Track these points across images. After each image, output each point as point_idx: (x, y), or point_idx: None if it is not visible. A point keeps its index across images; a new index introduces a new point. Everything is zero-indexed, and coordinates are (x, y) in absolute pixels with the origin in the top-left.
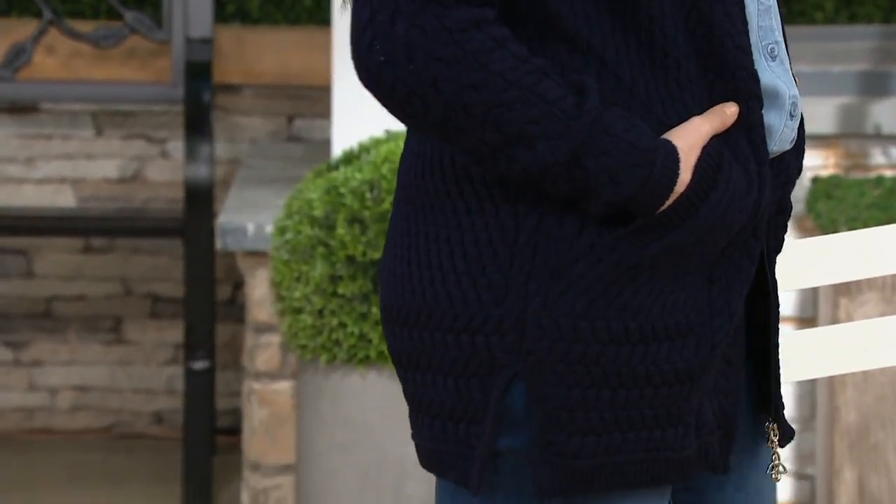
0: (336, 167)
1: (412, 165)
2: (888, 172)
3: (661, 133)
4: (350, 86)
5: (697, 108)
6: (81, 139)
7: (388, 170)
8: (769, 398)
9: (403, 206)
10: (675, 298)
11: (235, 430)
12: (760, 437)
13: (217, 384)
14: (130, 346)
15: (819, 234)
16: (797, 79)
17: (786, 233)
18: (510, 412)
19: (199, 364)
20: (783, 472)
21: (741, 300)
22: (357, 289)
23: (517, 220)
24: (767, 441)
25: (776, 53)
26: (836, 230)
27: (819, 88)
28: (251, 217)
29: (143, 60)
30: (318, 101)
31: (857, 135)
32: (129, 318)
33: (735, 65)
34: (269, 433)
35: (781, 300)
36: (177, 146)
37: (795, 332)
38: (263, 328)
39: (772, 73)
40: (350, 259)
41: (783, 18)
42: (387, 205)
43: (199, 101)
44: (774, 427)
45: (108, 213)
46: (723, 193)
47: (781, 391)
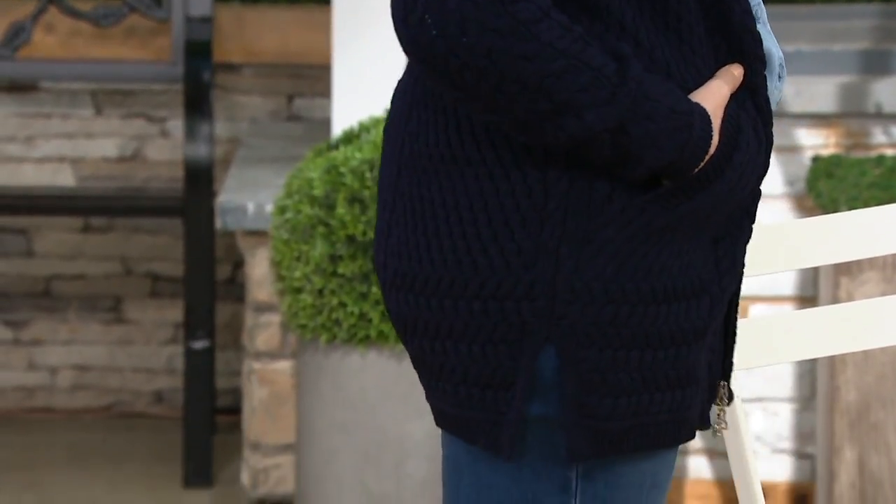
0: (336, 146)
1: (420, 132)
2: (889, 151)
3: None
4: (350, 65)
5: (707, 72)
6: (81, 118)
7: None
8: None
9: (411, 174)
10: (690, 259)
11: (235, 410)
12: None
13: (217, 364)
14: (130, 326)
15: (820, 214)
16: None
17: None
18: (540, 377)
19: (199, 343)
20: (725, 428)
21: (744, 259)
22: (357, 268)
23: (546, 186)
24: (718, 400)
25: (759, 16)
26: (837, 209)
27: (819, 67)
28: (251, 196)
29: (143, 39)
30: (319, 80)
31: (858, 114)
32: (129, 298)
33: (741, 27)
34: (270, 413)
35: (783, 280)
36: (176, 125)
37: (796, 312)
38: (263, 308)
39: (763, 36)
40: (350, 238)
41: None
42: None
43: (199, 80)
44: (727, 386)
45: (108, 193)
46: (744, 155)
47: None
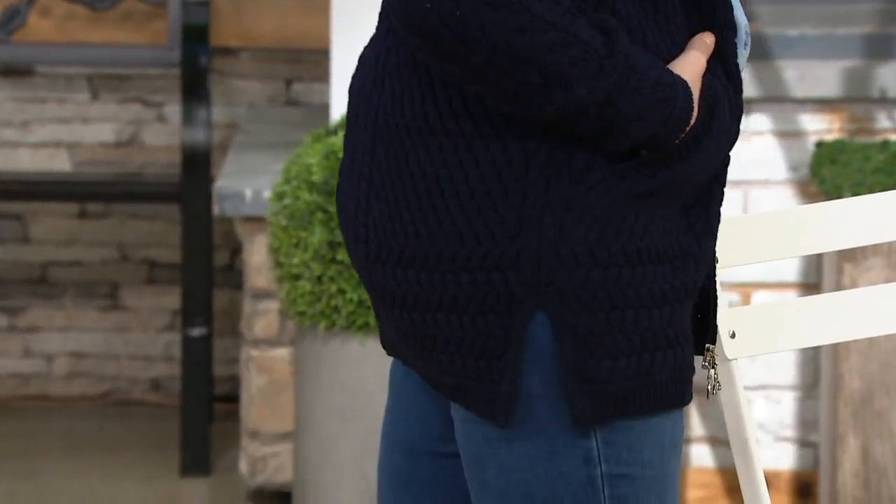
0: (335, 131)
1: (396, 105)
2: (894, 136)
3: None
4: (349, 49)
5: (682, 40)
6: (77, 103)
7: None
8: (715, 328)
9: (388, 147)
10: (667, 224)
11: (233, 398)
12: None
13: (215, 351)
14: (127, 313)
15: (823, 200)
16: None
17: None
18: (534, 346)
19: (197, 331)
20: (720, 389)
21: (718, 222)
22: None
23: (526, 156)
24: (707, 363)
25: None
26: (841, 195)
27: (823, 51)
28: (249, 182)
29: (139, 23)
30: (317, 65)
31: (862, 98)
32: (126, 284)
33: None
34: (268, 400)
35: (786, 267)
36: (173, 110)
37: (799, 299)
38: (262, 294)
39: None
40: None
41: None
42: None
43: (196, 65)
44: (713, 349)
45: (104, 178)
46: (721, 123)
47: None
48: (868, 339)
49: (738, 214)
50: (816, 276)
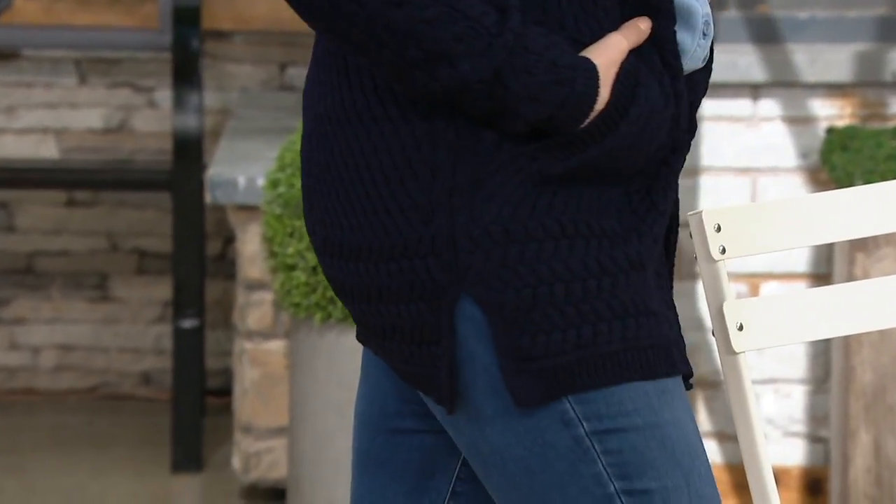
0: None
1: (323, 94)
2: None
3: (576, 50)
4: None
5: (610, 25)
6: (64, 87)
7: None
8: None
9: (319, 139)
10: (600, 205)
11: (226, 392)
12: None
13: (207, 343)
14: (116, 304)
15: (834, 188)
16: None
17: (688, 153)
18: (466, 330)
19: (189, 322)
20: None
21: (667, 203)
22: None
23: (433, 138)
24: None
25: None
26: (853, 183)
27: (834, 35)
28: (242, 169)
29: (129, 5)
30: (311, 49)
31: (875, 83)
32: (115, 275)
33: None
34: (262, 394)
35: (796, 257)
36: (164, 95)
37: (810, 290)
38: (255, 285)
39: None
40: None
41: None
42: None
43: (188, 48)
44: None
45: (93, 165)
46: (642, 109)
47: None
48: (880, 332)
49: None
50: (827, 267)
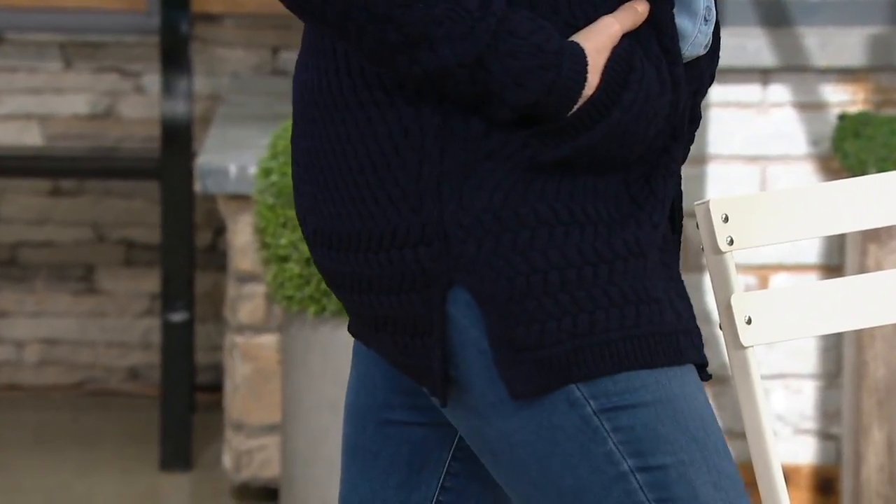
0: None
1: (311, 80)
2: None
3: (569, 35)
4: None
5: (606, 8)
6: (49, 72)
7: None
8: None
9: (306, 126)
10: (596, 192)
11: (216, 387)
12: None
13: (197, 337)
14: (103, 297)
15: (846, 176)
16: None
17: (692, 143)
18: (460, 320)
19: (178, 316)
20: None
21: (667, 191)
22: None
23: (421, 124)
24: None
25: None
26: (865, 171)
27: (847, 18)
28: (233, 158)
29: None
30: None
31: (888, 67)
32: (102, 266)
33: None
34: (253, 390)
35: (806, 248)
36: (152, 80)
37: (821, 282)
38: (246, 277)
39: None
40: None
41: None
42: None
43: (177, 32)
44: None
45: (79, 153)
46: (636, 94)
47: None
48: (894, 325)
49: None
50: (839, 258)
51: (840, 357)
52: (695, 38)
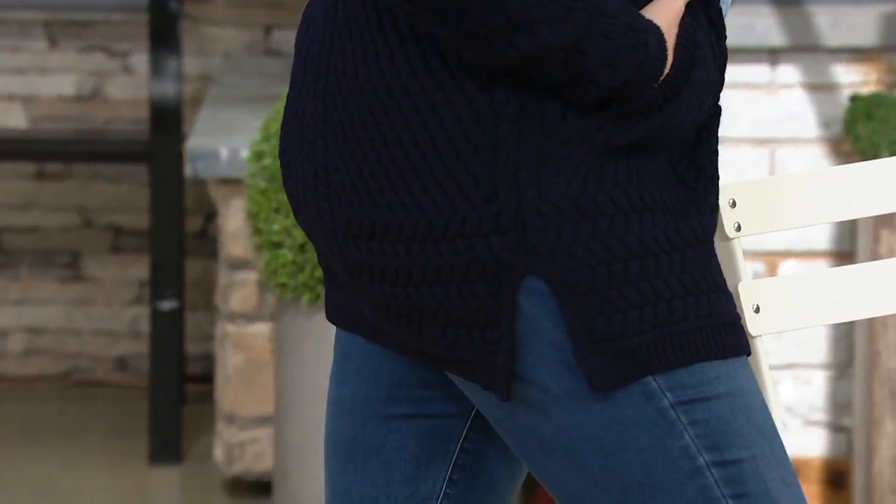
0: None
1: (347, 65)
2: None
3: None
4: None
5: None
6: (33, 52)
7: None
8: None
9: (341, 113)
10: (653, 177)
11: (207, 378)
12: None
13: (187, 326)
14: (90, 284)
15: (858, 160)
16: None
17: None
18: (530, 311)
19: (167, 304)
20: None
21: (714, 170)
22: None
23: (494, 109)
24: None
25: None
26: (878, 155)
27: None
28: (224, 140)
29: None
30: (298, 10)
31: None
32: (89, 253)
33: None
34: (245, 381)
35: (816, 234)
36: (141, 60)
37: (831, 269)
38: (238, 264)
39: None
40: None
41: None
42: None
43: (166, 10)
44: None
45: (64, 135)
46: (703, 71)
47: None
48: None
49: (764, 176)
50: (850, 244)
51: (851, 346)
52: (728, 7)
